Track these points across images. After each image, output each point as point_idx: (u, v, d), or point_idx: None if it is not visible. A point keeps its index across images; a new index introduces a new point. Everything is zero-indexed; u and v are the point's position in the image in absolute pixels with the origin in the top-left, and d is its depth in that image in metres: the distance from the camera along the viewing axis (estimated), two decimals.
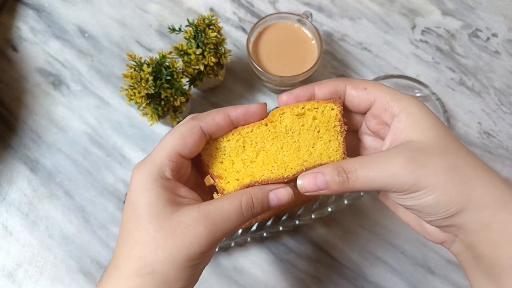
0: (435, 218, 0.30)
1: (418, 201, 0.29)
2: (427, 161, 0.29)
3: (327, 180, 0.30)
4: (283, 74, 0.59)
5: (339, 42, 0.70)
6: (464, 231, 0.30)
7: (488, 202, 0.28)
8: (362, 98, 0.32)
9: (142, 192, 0.29)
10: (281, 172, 0.34)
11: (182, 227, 0.28)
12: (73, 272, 0.57)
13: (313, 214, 0.56)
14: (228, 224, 0.30)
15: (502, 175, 0.61)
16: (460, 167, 0.29)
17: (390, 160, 0.29)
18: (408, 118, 0.30)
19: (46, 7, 0.73)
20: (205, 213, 0.29)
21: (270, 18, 0.62)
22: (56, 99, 0.66)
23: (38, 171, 0.62)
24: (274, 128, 0.34)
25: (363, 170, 0.30)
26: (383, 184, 0.29)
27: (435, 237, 0.33)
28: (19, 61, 0.69)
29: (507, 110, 0.65)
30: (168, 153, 0.31)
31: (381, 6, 0.72)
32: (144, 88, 0.50)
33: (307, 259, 0.57)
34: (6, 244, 0.58)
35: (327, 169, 0.31)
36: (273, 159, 0.34)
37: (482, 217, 0.28)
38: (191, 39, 0.55)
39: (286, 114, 0.34)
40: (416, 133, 0.30)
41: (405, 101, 0.31)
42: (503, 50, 0.69)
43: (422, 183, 0.28)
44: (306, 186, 0.31)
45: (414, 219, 0.35)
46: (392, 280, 0.56)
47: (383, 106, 0.31)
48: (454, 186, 0.28)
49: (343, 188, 0.30)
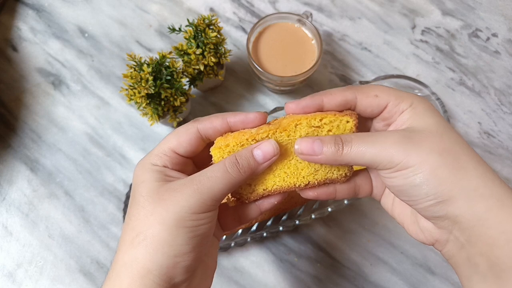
0: (425, 203, 0.29)
1: (406, 179, 0.29)
2: (421, 141, 0.29)
3: (323, 146, 0.31)
4: (283, 74, 0.59)
5: (339, 42, 0.70)
6: (459, 225, 0.29)
7: (483, 194, 0.28)
8: (374, 106, 0.33)
9: (138, 178, 0.32)
10: (293, 181, 0.34)
11: (170, 192, 0.30)
12: (73, 272, 0.57)
13: (313, 214, 0.56)
14: (214, 182, 0.30)
15: (502, 175, 0.61)
16: (455, 152, 0.29)
17: (385, 136, 0.30)
18: (412, 111, 0.31)
19: (46, 7, 0.73)
20: (191, 177, 0.31)
21: (270, 18, 0.62)
22: (56, 99, 0.66)
23: (38, 171, 0.62)
24: (288, 137, 0.33)
25: (358, 142, 0.30)
26: (373, 157, 0.30)
27: (428, 235, 0.32)
28: (19, 61, 0.69)
29: (507, 110, 0.65)
30: (163, 149, 0.33)
31: (381, 6, 0.72)
32: (144, 88, 0.50)
33: (307, 259, 0.57)
34: (6, 244, 0.58)
35: (325, 137, 0.32)
36: (286, 167, 0.34)
37: (478, 209, 0.28)
38: (191, 39, 0.55)
39: (302, 125, 0.33)
40: (417, 122, 0.31)
41: (412, 99, 0.32)
42: (503, 50, 0.69)
43: (412, 160, 0.28)
44: (303, 148, 0.32)
45: (408, 217, 0.34)
46: (392, 280, 0.56)
47: (394, 108, 0.32)
48: (447, 167, 0.28)
49: (336, 156, 0.31)
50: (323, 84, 0.67)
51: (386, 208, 0.37)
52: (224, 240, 0.55)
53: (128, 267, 0.29)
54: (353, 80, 0.67)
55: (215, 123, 0.33)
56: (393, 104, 0.32)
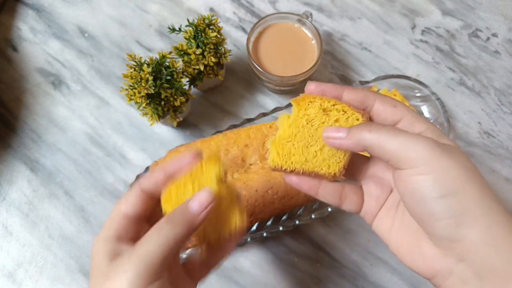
0: (445, 220, 0.26)
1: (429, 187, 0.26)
2: (452, 153, 0.27)
3: (351, 128, 0.31)
4: (283, 74, 0.59)
5: (339, 42, 0.70)
6: (471, 255, 0.25)
7: (502, 221, 0.25)
8: (389, 114, 0.32)
9: (92, 251, 0.32)
10: (283, 162, 0.34)
11: (113, 271, 0.29)
12: (73, 272, 0.57)
13: (313, 214, 0.56)
14: (148, 248, 0.29)
15: (502, 175, 0.61)
16: (478, 173, 0.27)
17: (418, 135, 0.28)
18: (434, 132, 0.30)
19: (46, 7, 0.73)
20: (130, 250, 0.30)
21: (270, 18, 0.62)
22: (56, 99, 0.66)
23: (38, 171, 0.62)
24: (298, 112, 0.33)
25: (388, 130, 0.29)
26: (399, 147, 0.27)
27: (430, 264, 0.28)
28: (19, 61, 0.69)
29: (507, 110, 0.65)
30: (114, 217, 0.33)
31: (381, 6, 0.72)
32: (144, 88, 0.50)
33: (307, 259, 0.57)
34: (6, 244, 0.58)
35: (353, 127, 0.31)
36: (282, 144, 0.34)
37: (497, 238, 0.25)
38: (191, 39, 0.55)
39: (315, 103, 0.33)
40: (443, 140, 0.29)
41: (428, 124, 0.30)
42: (503, 50, 0.69)
43: (441, 166, 0.26)
44: (330, 133, 0.32)
45: (407, 243, 0.31)
46: (392, 280, 0.56)
47: (408, 124, 0.31)
48: (474, 185, 0.26)
49: (364, 135, 0.29)
50: None
51: (381, 231, 0.34)
52: None
53: None
54: (353, 80, 0.67)
55: (155, 178, 0.33)
56: (408, 121, 0.31)
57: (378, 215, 0.34)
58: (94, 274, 0.31)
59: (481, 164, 0.62)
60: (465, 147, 0.63)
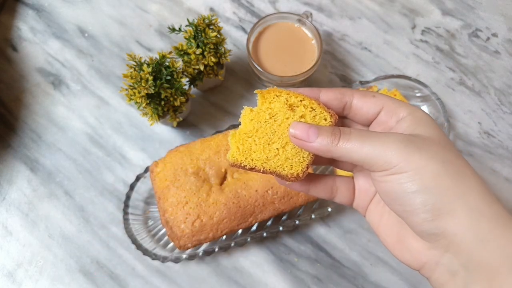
0: (422, 215, 0.26)
1: (402, 185, 0.26)
2: (424, 146, 0.27)
3: (319, 135, 0.29)
4: (283, 74, 0.59)
5: (339, 42, 0.70)
6: (456, 247, 0.26)
7: (485, 213, 0.25)
8: (371, 106, 0.31)
9: None
10: (243, 158, 0.32)
11: None
12: (73, 272, 0.57)
13: (313, 214, 0.56)
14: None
15: (502, 175, 0.61)
16: (457, 165, 0.27)
17: (386, 135, 0.28)
18: (413, 119, 0.30)
19: (46, 7, 0.73)
20: None
21: (270, 18, 0.62)
22: (56, 99, 0.66)
23: (38, 171, 0.62)
24: (261, 105, 0.32)
25: (356, 136, 0.28)
26: (369, 155, 0.27)
27: (416, 256, 0.29)
28: (19, 61, 0.69)
29: (507, 110, 0.65)
30: None
31: (381, 6, 0.72)
32: (144, 88, 0.50)
33: (307, 259, 0.57)
34: (6, 244, 0.58)
35: (323, 126, 0.30)
36: (243, 139, 0.32)
37: (480, 230, 0.25)
38: (191, 39, 0.55)
39: (281, 97, 0.31)
40: (419, 130, 0.29)
41: (411, 108, 0.30)
42: (503, 50, 0.69)
43: (411, 164, 0.26)
44: (297, 132, 0.30)
45: (394, 235, 0.31)
46: (392, 280, 0.56)
47: (391, 111, 0.31)
48: (449, 177, 0.26)
49: (330, 147, 0.29)
50: (323, 84, 0.67)
51: (372, 223, 0.34)
52: (224, 240, 0.55)
53: None
54: (353, 80, 0.67)
55: None
56: (390, 107, 0.31)
57: (368, 208, 0.34)
58: None
59: (481, 164, 0.62)
60: (465, 147, 0.63)
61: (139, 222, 0.56)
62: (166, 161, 0.55)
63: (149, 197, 0.58)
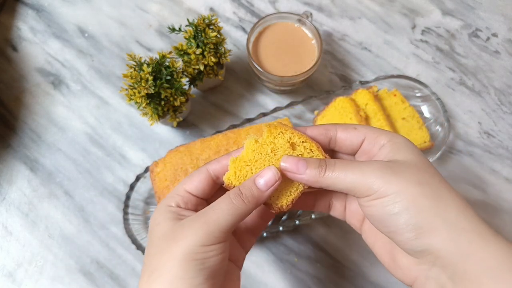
0: (406, 234, 0.28)
1: (385, 208, 0.29)
2: (402, 171, 0.29)
3: (308, 167, 0.32)
4: (283, 74, 0.59)
5: (339, 42, 0.70)
6: (442, 261, 0.27)
7: (464, 227, 0.27)
8: (353, 138, 0.34)
9: (154, 220, 0.34)
10: (237, 183, 0.34)
11: (180, 229, 0.31)
12: (73, 272, 0.57)
13: (313, 214, 0.56)
14: (220, 214, 0.31)
15: (502, 175, 0.61)
16: (434, 185, 0.29)
17: (366, 164, 0.31)
18: (393, 145, 0.32)
19: (46, 7, 0.73)
20: (199, 212, 0.32)
21: (270, 18, 0.62)
22: (56, 99, 0.66)
23: (38, 171, 0.62)
24: (266, 138, 0.34)
25: (340, 167, 0.31)
26: (353, 183, 0.30)
27: (407, 272, 0.31)
28: (19, 61, 0.69)
29: (507, 110, 0.65)
30: (177, 190, 0.35)
31: (381, 6, 0.72)
32: (144, 88, 0.50)
33: (307, 259, 0.57)
34: (6, 244, 0.58)
35: (310, 159, 0.33)
36: (241, 166, 0.34)
37: (461, 243, 0.27)
38: (191, 39, 0.55)
39: (285, 135, 0.34)
40: (398, 155, 0.31)
41: (391, 134, 0.33)
42: (503, 50, 0.69)
43: (391, 188, 0.28)
44: (288, 165, 0.33)
45: (387, 253, 0.34)
46: (392, 280, 0.56)
47: (373, 140, 0.33)
48: (426, 198, 0.28)
49: (317, 178, 0.32)
50: (323, 84, 0.67)
51: (369, 243, 0.37)
52: None
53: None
54: (353, 80, 0.67)
55: (222, 162, 0.35)
56: (371, 137, 0.33)
57: (363, 229, 0.37)
58: (159, 237, 0.32)
59: (481, 164, 0.62)
60: (465, 147, 0.63)
61: (139, 222, 0.56)
62: (166, 161, 0.55)
63: (149, 197, 0.58)
